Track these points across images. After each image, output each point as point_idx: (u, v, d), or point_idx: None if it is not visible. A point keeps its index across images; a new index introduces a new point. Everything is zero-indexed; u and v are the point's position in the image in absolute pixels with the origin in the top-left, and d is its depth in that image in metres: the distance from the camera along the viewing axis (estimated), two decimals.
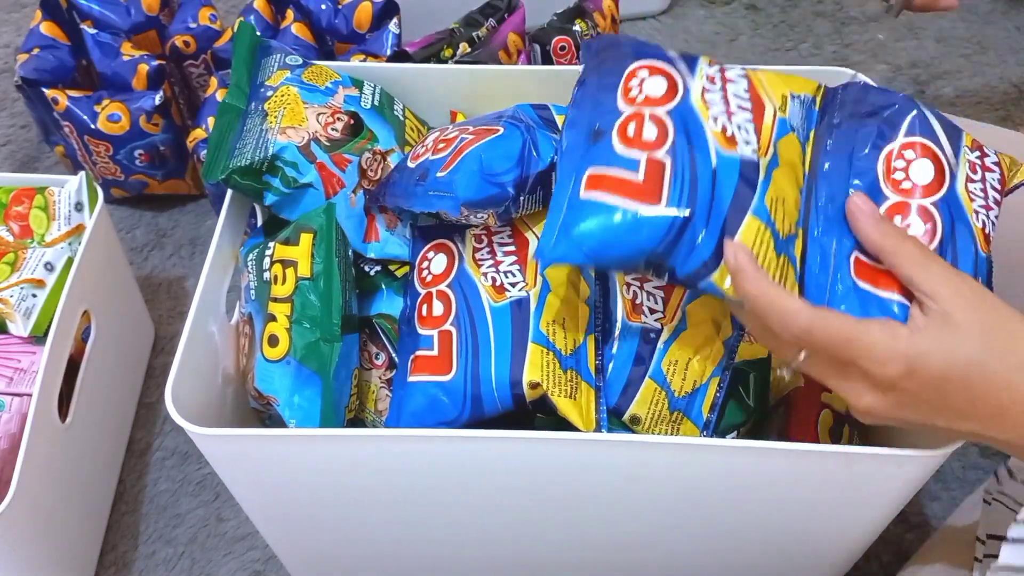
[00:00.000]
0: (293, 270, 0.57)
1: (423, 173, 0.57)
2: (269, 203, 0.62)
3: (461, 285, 0.58)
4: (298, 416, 0.56)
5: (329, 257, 0.57)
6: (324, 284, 0.57)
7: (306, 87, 0.65)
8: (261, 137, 0.61)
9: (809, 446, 0.50)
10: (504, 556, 0.66)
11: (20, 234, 0.76)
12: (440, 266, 0.60)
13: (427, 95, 0.73)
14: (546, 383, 0.54)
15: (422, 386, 0.57)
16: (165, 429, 0.86)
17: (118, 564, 0.78)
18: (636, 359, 0.56)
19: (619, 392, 0.55)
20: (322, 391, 0.56)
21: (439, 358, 0.56)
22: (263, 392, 0.57)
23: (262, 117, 0.63)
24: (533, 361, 0.55)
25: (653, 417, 0.55)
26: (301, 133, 0.62)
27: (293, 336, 0.56)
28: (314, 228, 0.58)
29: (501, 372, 0.54)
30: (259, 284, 0.60)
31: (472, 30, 0.93)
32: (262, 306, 0.59)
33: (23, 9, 1.30)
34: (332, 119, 0.64)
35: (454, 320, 0.57)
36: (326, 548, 0.67)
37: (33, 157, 1.10)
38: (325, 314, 0.56)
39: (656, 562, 0.65)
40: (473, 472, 0.55)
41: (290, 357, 0.56)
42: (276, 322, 0.57)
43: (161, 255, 1.00)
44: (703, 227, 0.45)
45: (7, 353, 0.71)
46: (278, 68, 0.67)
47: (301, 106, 0.64)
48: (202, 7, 1.00)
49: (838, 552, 0.63)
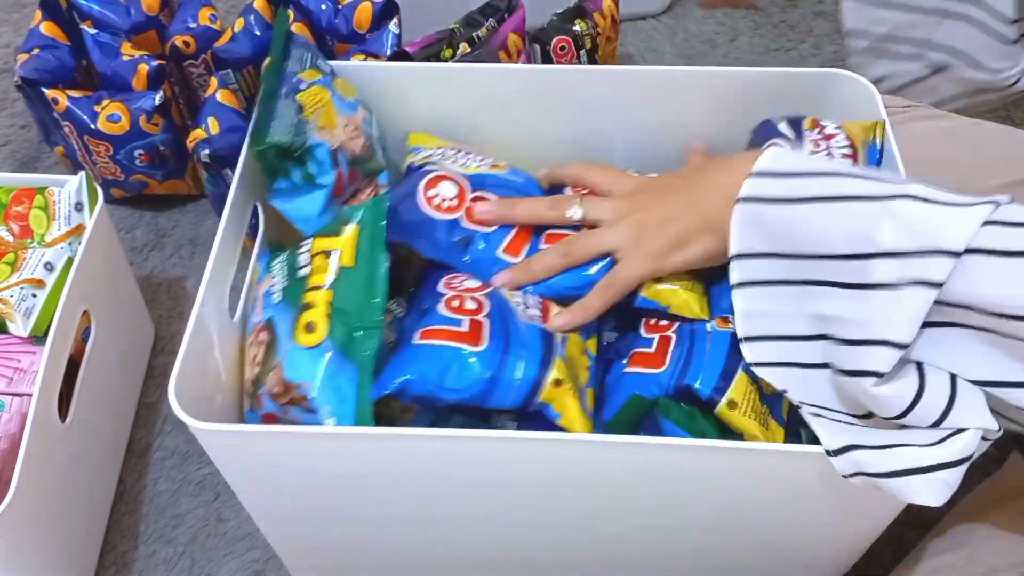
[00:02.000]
0: (337, 259, 0.58)
1: (466, 240, 0.63)
2: (275, 188, 0.62)
3: (494, 298, 0.59)
4: (332, 402, 0.55)
5: (375, 246, 0.57)
6: (368, 271, 0.57)
7: (337, 95, 0.66)
8: (301, 125, 0.62)
9: (808, 448, 0.50)
10: (505, 556, 0.66)
11: (20, 234, 0.76)
12: (474, 283, 0.61)
13: (425, 94, 0.73)
14: (566, 384, 0.56)
15: (440, 348, 0.55)
16: (165, 429, 0.86)
17: (118, 564, 0.78)
18: (728, 356, 0.58)
19: (713, 385, 0.56)
20: (359, 381, 0.55)
21: (469, 334, 0.56)
22: (292, 381, 0.56)
23: (298, 107, 0.63)
24: (558, 367, 0.56)
25: (749, 404, 0.57)
26: (332, 138, 0.63)
27: (333, 323, 0.56)
28: (360, 220, 0.59)
29: (530, 368, 0.55)
30: (291, 283, 0.59)
31: (472, 30, 0.93)
32: (294, 301, 0.58)
33: (23, 9, 1.30)
34: (355, 134, 0.65)
35: (487, 315, 0.57)
36: (327, 547, 0.67)
37: (33, 157, 1.10)
38: (367, 303, 0.56)
39: (656, 561, 0.65)
40: (476, 471, 0.55)
41: (328, 342, 0.55)
42: (314, 309, 0.56)
43: (161, 255, 1.00)
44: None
45: (7, 353, 0.71)
46: (310, 65, 0.67)
47: (333, 111, 0.65)
48: (202, 7, 1.00)
49: (838, 551, 0.63)
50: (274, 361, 0.58)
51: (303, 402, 0.56)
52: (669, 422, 0.57)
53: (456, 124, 0.73)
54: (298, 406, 0.57)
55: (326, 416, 0.55)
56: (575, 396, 0.56)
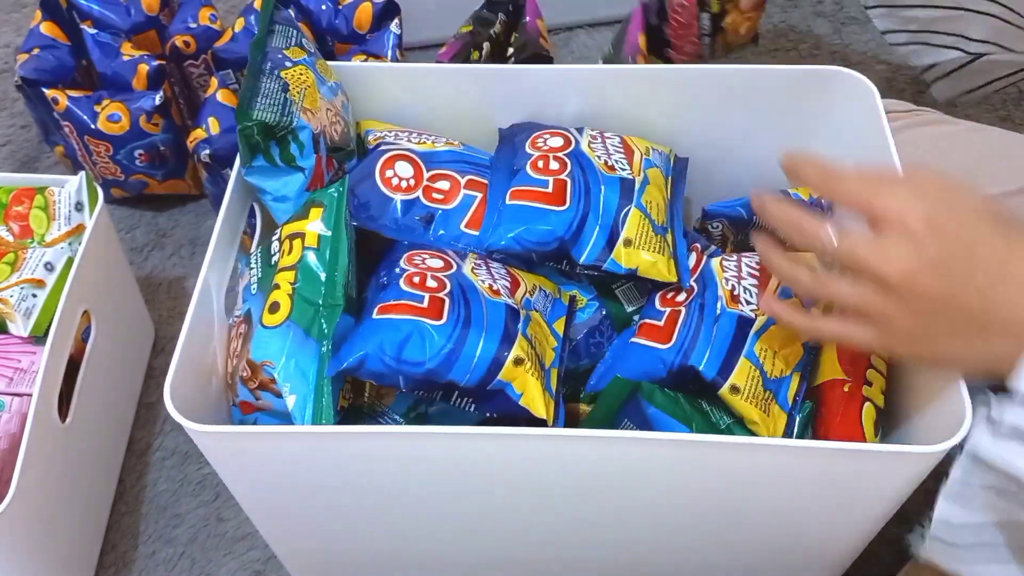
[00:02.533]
0: (300, 240, 0.58)
1: (427, 218, 0.64)
2: (253, 166, 0.62)
3: (458, 279, 0.59)
4: (292, 380, 0.55)
5: (338, 227, 0.58)
6: (330, 252, 0.57)
7: (320, 78, 0.66)
8: (287, 105, 0.62)
9: (805, 443, 0.51)
10: (505, 555, 0.66)
11: (20, 234, 0.76)
12: (436, 263, 0.61)
13: (440, 94, 0.73)
14: (528, 363, 0.56)
15: (399, 321, 0.55)
16: (165, 429, 0.86)
17: (118, 564, 0.78)
18: (733, 340, 0.58)
19: (717, 369, 0.57)
20: (319, 358, 0.55)
21: (429, 309, 0.56)
22: (257, 361, 0.56)
23: (283, 85, 0.63)
24: (520, 345, 0.56)
25: (751, 390, 0.57)
26: (316, 121, 0.63)
27: (295, 301, 0.56)
28: (324, 201, 0.59)
29: (488, 346, 0.55)
30: (265, 270, 0.60)
31: (488, 28, 0.93)
32: (266, 286, 0.59)
33: (23, 9, 1.30)
34: (335, 119, 0.65)
35: (448, 293, 0.57)
36: (326, 548, 0.67)
37: (33, 157, 1.10)
38: (329, 280, 0.56)
39: (655, 559, 0.65)
40: (474, 469, 0.55)
41: (290, 321, 0.56)
42: (279, 290, 0.57)
43: (161, 255, 1.00)
44: (596, 223, 0.62)
45: (7, 353, 0.71)
46: (295, 44, 0.67)
47: (317, 94, 0.64)
48: (202, 7, 1.00)
49: (837, 550, 0.63)
50: (247, 347, 0.58)
51: (271, 385, 0.56)
52: (653, 407, 0.57)
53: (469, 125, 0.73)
54: (267, 390, 0.57)
55: (287, 394, 0.54)
56: (537, 376, 0.56)
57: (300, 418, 0.54)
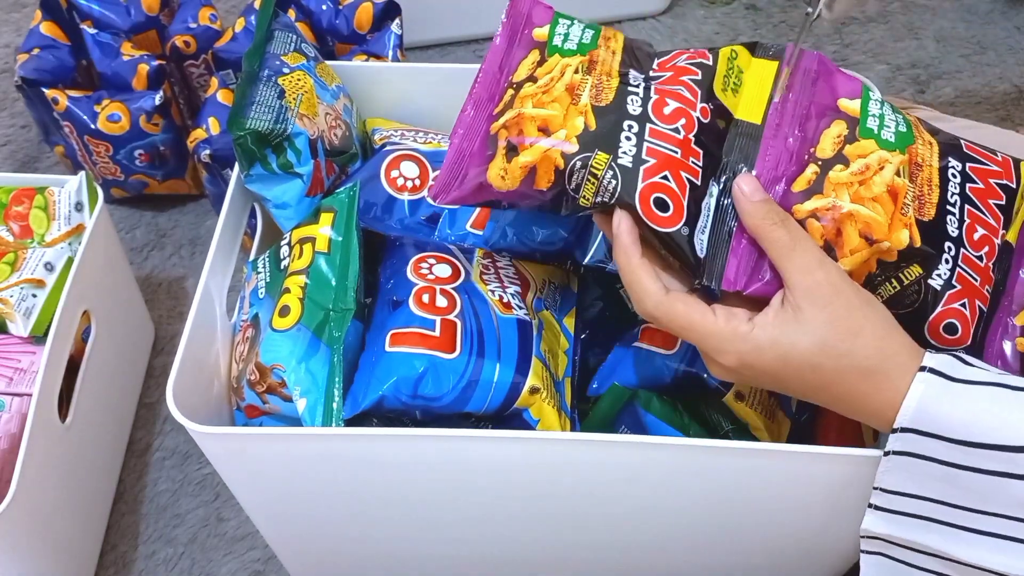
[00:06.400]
0: (311, 245, 0.58)
1: (433, 218, 0.62)
2: (251, 174, 0.62)
3: (467, 291, 0.59)
4: (303, 384, 0.55)
5: (348, 231, 0.58)
6: (341, 257, 0.57)
7: (319, 82, 0.66)
8: (282, 112, 0.62)
9: (800, 447, 0.50)
10: (505, 556, 0.66)
11: (20, 234, 0.76)
12: (444, 272, 0.60)
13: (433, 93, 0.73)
14: (544, 392, 0.55)
15: (412, 356, 0.55)
16: (165, 429, 0.86)
17: (118, 564, 0.78)
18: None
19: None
20: (330, 363, 0.55)
21: (441, 339, 0.56)
22: (267, 364, 0.56)
23: (279, 92, 0.63)
24: (536, 371, 0.55)
25: (756, 397, 0.58)
26: (313, 127, 0.63)
27: (306, 306, 0.56)
28: (335, 207, 0.59)
29: (505, 371, 0.55)
30: (274, 274, 0.60)
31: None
32: (276, 290, 0.59)
33: (23, 9, 1.30)
34: (335, 124, 0.65)
35: (459, 314, 0.57)
36: (326, 548, 0.67)
37: (33, 157, 1.10)
38: (340, 285, 0.56)
39: (653, 562, 0.65)
40: (474, 471, 0.55)
41: (301, 325, 0.56)
42: (290, 294, 0.57)
43: (161, 255, 1.00)
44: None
45: (7, 353, 0.71)
46: (294, 49, 0.67)
47: (316, 99, 0.64)
48: (202, 7, 1.00)
49: (835, 554, 0.63)
50: (255, 351, 0.58)
51: (280, 389, 0.56)
52: (650, 415, 0.57)
53: None
54: (275, 394, 0.57)
55: (298, 397, 0.55)
56: (553, 403, 0.56)
57: (311, 421, 0.54)
